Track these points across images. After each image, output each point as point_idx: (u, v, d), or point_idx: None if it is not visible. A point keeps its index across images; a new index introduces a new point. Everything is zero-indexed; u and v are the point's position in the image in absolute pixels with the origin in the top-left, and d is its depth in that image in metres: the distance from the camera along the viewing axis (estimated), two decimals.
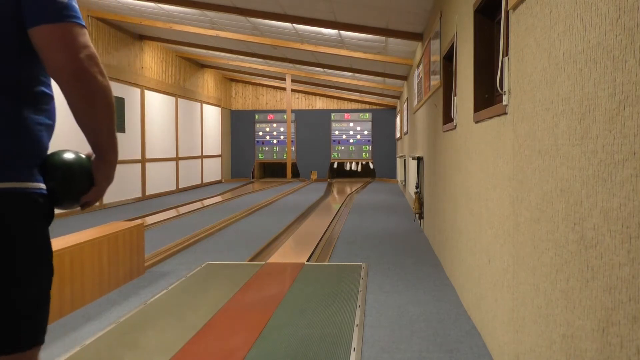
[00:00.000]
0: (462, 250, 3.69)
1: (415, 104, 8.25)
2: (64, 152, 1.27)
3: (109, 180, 1.32)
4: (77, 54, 1.16)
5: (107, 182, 1.32)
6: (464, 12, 3.62)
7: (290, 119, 17.06)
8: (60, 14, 1.16)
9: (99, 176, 1.29)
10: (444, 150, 4.73)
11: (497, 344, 2.60)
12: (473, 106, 3.23)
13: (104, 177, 1.30)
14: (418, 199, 6.98)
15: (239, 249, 5.63)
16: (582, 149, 1.50)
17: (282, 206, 9.94)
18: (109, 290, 3.93)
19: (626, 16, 1.23)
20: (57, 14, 1.16)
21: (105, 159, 1.28)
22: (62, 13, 1.16)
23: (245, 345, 2.81)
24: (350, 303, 3.56)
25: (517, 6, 2.21)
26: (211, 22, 9.73)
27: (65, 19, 1.16)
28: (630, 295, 1.21)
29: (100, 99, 1.21)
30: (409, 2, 6.17)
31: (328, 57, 11.12)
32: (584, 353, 1.48)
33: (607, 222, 1.33)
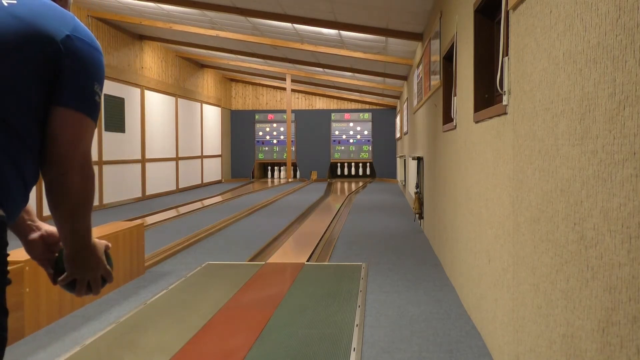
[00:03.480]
0: (462, 250, 3.69)
1: (415, 104, 8.25)
2: None
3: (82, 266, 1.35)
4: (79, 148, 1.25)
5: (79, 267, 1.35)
6: (464, 12, 3.62)
7: (290, 119, 17.06)
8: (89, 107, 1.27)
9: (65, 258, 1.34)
10: (444, 150, 4.73)
11: (497, 344, 2.60)
12: (473, 106, 3.23)
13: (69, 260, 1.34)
14: (418, 199, 6.98)
15: (239, 249, 5.63)
16: (582, 149, 1.50)
17: (282, 206, 9.94)
18: (109, 290, 3.93)
19: (626, 16, 1.23)
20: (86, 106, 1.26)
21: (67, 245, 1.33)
22: (91, 107, 1.27)
23: (245, 345, 2.81)
24: (350, 303, 3.56)
25: (517, 6, 2.21)
26: (211, 22, 9.73)
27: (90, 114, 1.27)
28: (630, 295, 1.21)
29: (70, 201, 1.26)
30: (409, 2, 6.17)
31: (328, 57, 11.12)
32: (584, 353, 1.48)
33: (607, 222, 1.33)
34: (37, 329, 3.14)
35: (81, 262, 1.35)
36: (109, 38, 10.42)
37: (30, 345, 2.93)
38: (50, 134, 1.24)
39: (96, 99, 1.28)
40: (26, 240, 1.41)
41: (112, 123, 10.34)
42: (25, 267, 3.06)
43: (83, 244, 1.34)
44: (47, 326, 3.22)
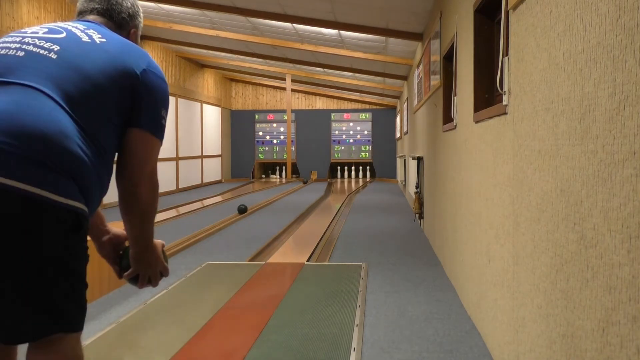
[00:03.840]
0: (462, 250, 3.69)
1: (415, 104, 8.25)
2: None
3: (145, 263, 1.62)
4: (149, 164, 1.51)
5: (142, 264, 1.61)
6: (464, 12, 3.62)
7: (290, 119, 17.06)
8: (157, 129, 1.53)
9: (131, 256, 1.60)
10: (444, 150, 4.73)
11: (497, 344, 2.60)
12: (473, 106, 3.23)
13: (134, 258, 1.60)
14: (418, 199, 6.98)
15: (239, 249, 5.63)
16: (582, 149, 1.50)
17: (282, 206, 9.94)
18: (109, 290, 3.93)
19: (626, 16, 1.23)
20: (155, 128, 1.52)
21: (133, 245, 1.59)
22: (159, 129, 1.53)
23: (245, 345, 2.81)
24: (350, 303, 3.56)
25: (517, 6, 2.21)
26: (211, 22, 9.73)
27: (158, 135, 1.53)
28: (630, 295, 1.21)
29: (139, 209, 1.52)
30: (409, 2, 6.17)
31: (328, 57, 11.12)
32: (584, 353, 1.48)
33: (607, 222, 1.33)
34: None
35: (144, 261, 1.61)
36: None
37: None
38: (127, 150, 1.49)
39: (162, 122, 1.54)
40: (99, 242, 1.69)
41: None
42: None
43: (146, 246, 1.60)
44: None
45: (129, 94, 1.46)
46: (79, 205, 1.35)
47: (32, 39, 1.44)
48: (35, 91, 1.33)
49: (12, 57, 1.39)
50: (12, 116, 1.28)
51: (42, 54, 1.40)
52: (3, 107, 1.28)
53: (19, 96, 1.31)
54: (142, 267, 1.61)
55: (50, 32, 1.48)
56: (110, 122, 1.44)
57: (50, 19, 8.53)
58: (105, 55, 1.45)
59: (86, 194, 1.37)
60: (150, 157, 1.51)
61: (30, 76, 1.35)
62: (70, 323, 1.36)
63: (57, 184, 1.29)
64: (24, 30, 1.51)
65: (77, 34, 1.49)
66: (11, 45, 1.43)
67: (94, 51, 1.45)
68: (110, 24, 1.66)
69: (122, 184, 1.51)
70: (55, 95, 1.34)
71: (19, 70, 1.36)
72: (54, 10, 8.66)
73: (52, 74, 1.36)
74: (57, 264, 1.32)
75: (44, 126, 1.29)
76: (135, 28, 1.77)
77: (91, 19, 1.65)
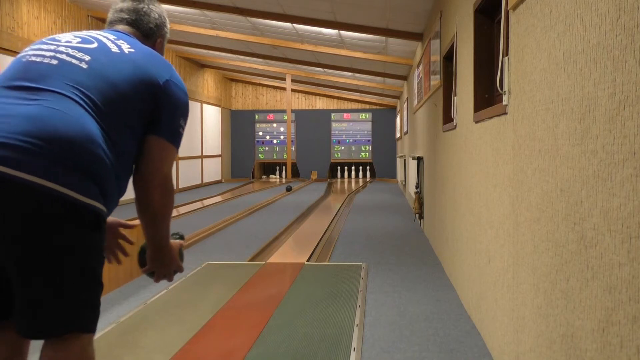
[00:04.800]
0: (462, 250, 3.69)
1: (415, 104, 8.25)
2: None
3: (162, 262, 1.73)
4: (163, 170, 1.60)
5: (159, 262, 1.73)
6: (464, 12, 3.62)
7: (290, 119, 17.06)
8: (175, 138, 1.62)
9: (148, 256, 1.72)
10: (444, 150, 4.73)
11: (497, 344, 2.60)
12: (473, 106, 3.23)
13: (151, 258, 1.72)
14: (418, 199, 6.98)
15: (239, 249, 5.63)
16: (582, 149, 1.50)
17: (282, 206, 9.94)
18: (109, 290, 3.93)
19: (626, 16, 1.23)
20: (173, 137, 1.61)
21: (150, 245, 1.71)
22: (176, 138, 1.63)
23: (245, 345, 2.81)
24: (350, 303, 3.56)
25: (517, 6, 2.21)
26: (211, 22, 9.73)
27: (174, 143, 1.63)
28: (630, 295, 1.21)
29: (152, 211, 1.62)
30: (409, 2, 6.17)
31: (328, 57, 11.11)
32: (584, 353, 1.48)
33: (607, 222, 1.33)
34: None
35: (159, 260, 1.72)
36: None
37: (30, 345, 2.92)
38: (144, 156, 1.58)
39: (180, 130, 1.64)
40: None
41: None
42: None
43: (161, 246, 1.70)
44: None
45: (151, 102, 1.56)
46: (99, 205, 1.42)
47: (65, 48, 1.53)
48: (66, 98, 1.41)
49: (46, 65, 1.48)
50: (42, 120, 1.36)
51: (74, 64, 1.49)
52: (34, 112, 1.36)
53: (50, 102, 1.39)
54: (157, 265, 1.73)
55: (84, 42, 1.57)
56: (132, 128, 1.53)
57: (50, 19, 8.54)
58: (132, 65, 1.55)
59: (105, 196, 1.45)
60: (165, 163, 1.61)
61: (61, 84, 1.44)
62: (84, 323, 1.41)
63: (81, 185, 1.37)
64: (59, 38, 1.59)
65: (108, 44, 1.59)
66: (46, 53, 1.51)
67: (122, 62, 1.54)
68: (138, 34, 1.78)
69: (138, 188, 1.60)
70: (83, 103, 1.43)
71: (51, 77, 1.45)
72: (54, 10, 8.66)
73: (82, 83, 1.46)
74: (76, 262, 1.39)
75: (71, 131, 1.37)
76: (161, 38, 1.89)
77: (120, 29, 1.76)
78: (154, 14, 1.85)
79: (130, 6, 1.81)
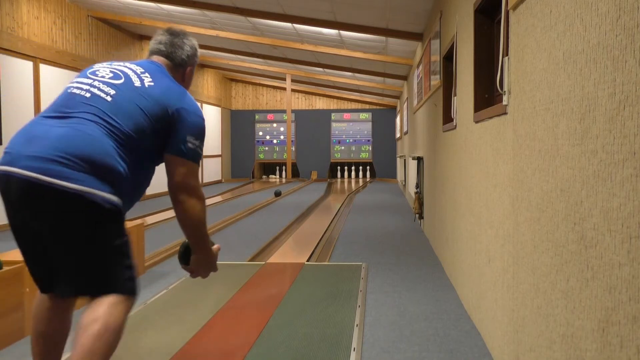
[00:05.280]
0: (462, 250, 3.69)
1: (415, 104, 8.25)
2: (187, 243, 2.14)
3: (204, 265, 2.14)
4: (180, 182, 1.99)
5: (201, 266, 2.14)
6: (464, 12, 3.62)
7: (290, 119, 17.06)
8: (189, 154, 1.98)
9: (193, 260, 2.12)
10: (444, 150, 4.73)
11: (497, 344, 2.60)
12: (473, 106, 3.23)
13: (196, 262, 2.12)
14: (418, 199, 6.98)
15: (239, 249, 5.63)
16: (582, 149, 1.50)
17: (282, 206, 9.94)
18: None
19: (626, 16, 1.23)
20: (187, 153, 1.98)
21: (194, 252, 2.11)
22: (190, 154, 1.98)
23: (245, 345, 2.81)
24: (350, 303, 3.56)
25: (517, 6, 2.21)
26: (211, 22, 9.73)
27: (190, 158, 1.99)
28: (630, 295, 1.21)
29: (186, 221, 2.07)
30: (409, 2, 6.17)
31: (328, 57, 11.11)
32: (584, 353, 1.48)
33: (607, 222, 1.33)
34: None
35: (202, 263, 2.12)
36: (109, 38, 10.41)
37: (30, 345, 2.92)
38: (167, 172, 1.98)
39: (190, 146, 1.97)
40: None
41: None
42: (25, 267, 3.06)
43: (204, 253, 2.11)
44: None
45: (164, 126, 1.95)
46: (114, 199, 1.82)
47: (98, 83, 1.95)
48: (89, 122, 1.83)
49: (80, 97, 1.91)
50: (69, 139, 1.78)
51: (101, 96, 1.91)
52: (64, 133, 1.79)
53: (77, 125, 1.82)
54: (198, 267, 2.11)
55: (114, 77, 1.99)
56: (145, 147, 1.93)
57: (50, 19, 8.54)
58: (149, 98, 1.95)
59: (120, 195, 1.85)
60: (184, 177, 1.97)
61: (87, 112, 1.86)
62: (114, 287, 1.84)
63: (100, 186, 1.78)
64: (97, 72, 2.01)
65: (133, 79, 1.99)
66: (83, 86, 1.94)
67: (140, 95, 1.94)
68: (170, 64, 2.18)
69: (172, 200, 2.05)
70: (103, 126, 1.84)
71: (81, 106, 1.88)
72: (54, 10, 8.67)
73: (104, 111, 1.87)
74: (98, 242, 1.82)
75: (91, 147, 1.79)
76: (191, 66, 2.28)
77: (155, 59, 2.18)
78: (186, 47, 2.25)
79: (167, 39, 2.21)
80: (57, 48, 8.66)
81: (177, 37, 2.23)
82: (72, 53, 9.09)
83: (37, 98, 8.12)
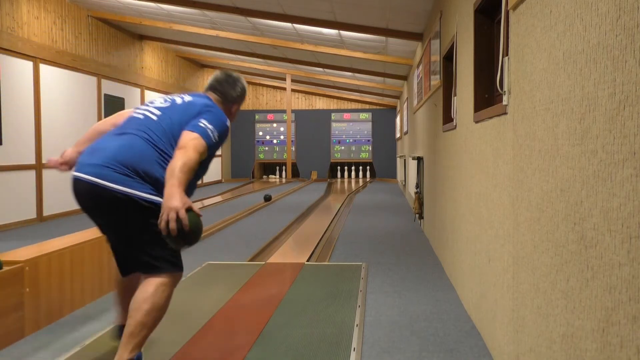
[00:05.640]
0: (462, 250, 3.69)
1: (415, 104, 8.25)
2: None
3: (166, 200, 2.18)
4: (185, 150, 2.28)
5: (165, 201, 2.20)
6: (464, 12, 3.62)
7: (290, 119, 17.06)
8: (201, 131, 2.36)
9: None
10: (444, 150, 4.73)
11: (497, 344, 2.60)
12: (473, 106, 3.23)
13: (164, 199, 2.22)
14: (418, 199, 6.98)
15: (239, 249, 5.63)
16: (582, 149, 1.50)
17: (282, 206, 9.94)
18: (109, 290, 3.93)
19: (626, 16, 1.23)
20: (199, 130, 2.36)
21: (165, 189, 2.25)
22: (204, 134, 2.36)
23: (245, 345, 2.81)
24: (350, 303, 3.56)
25: (517, 6, 2.22)
26: (211, 22, 9.73)
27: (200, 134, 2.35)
28: (630, 295, 1.21)
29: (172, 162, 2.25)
30: (409, 2, 6.17)
31: (328, 57, 11.11)
32: (584, 353, 1.48)
33: (607, 222, 1.33)
34: (37, 329, 3.14)
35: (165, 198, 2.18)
36: (109, 38, 10.41)
37: (30, 345, 2.93)
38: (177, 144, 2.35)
39: (202, 126, 2.35)
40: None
41: None
42: (25, 267, 3.06)
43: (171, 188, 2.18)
44: (47, 326, 3.22)
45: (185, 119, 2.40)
46: (154, 198, 2.26)
47: (151, 109, 2.46)
48: (137, 137, 2.32)
49: (136, 119, 2.42)
50: (120, 150, 2.27)
51: (150, 117, 2.41)
52: (117, 145, 2.30)
53: (128, 139, 2.32)
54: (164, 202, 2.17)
55: (164, 102, 2.50)
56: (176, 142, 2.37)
57: (50, 19, 8.54)
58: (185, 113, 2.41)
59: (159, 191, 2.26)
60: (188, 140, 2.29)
61: (138, 129, 2.35)
62: (158, 267, 2.28)
63: (141, 187, 2.25)
64: (154, 101, 2.53)
65: (177, 100, 2.50)
66: (140, 112, 2.45)
67: (179, 111, 2.42)
68: (219, 100, 2.62)
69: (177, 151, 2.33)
70: (147, 140, 2.32)
71: (135, 126, 2.38)
72: (54, 10, 8.67)
73: (150, 128, 2.35)
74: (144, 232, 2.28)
75: (137, 157, 2.27)
76: (237, 105, 2.70)
77: (208, 93, 2.63)
78: (237, 88, 2.68)
79: (222, 78, 2.66)
80: (57, 48, 8.66)
81: (231, 77, 2.67)
82: (72, 53, 9.09)
83: (37, 98, 8.12)
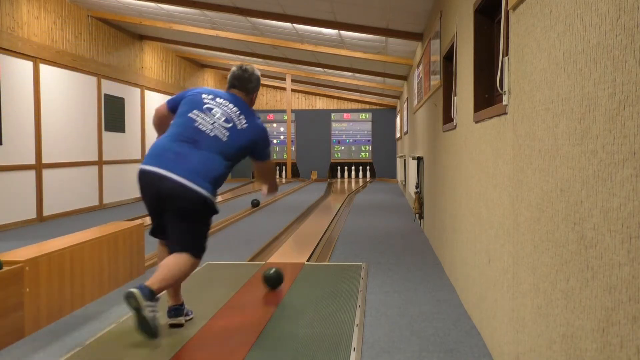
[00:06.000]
0: (462, 250, 3.69)
1: (415, 104, 8.25)
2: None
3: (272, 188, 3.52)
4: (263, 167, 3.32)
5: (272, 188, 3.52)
6: (464, 12, 3.62)
7: (290, 119, 17.06)
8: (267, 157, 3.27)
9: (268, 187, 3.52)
10: (444, 150, 4.73)
11: (497, 344, 2.60)
12: (473, 106, 3.23)
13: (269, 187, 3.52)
14: (418, 199, 6.98)
15: (239, 249, 5.63)
16: (582, 149, 1.50)
17: (282, 206, 9.94)
18: (109, 290, 3.93)
19: (626, 16, 1.23)
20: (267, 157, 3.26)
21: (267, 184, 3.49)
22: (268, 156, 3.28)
23: (245, 345, 2.81)
24: (350, 303, 3.56)
25: (517, 6, 2.22)
26: (211, 22, 9.73)
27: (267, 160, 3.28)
28: (630, 295, 1.21)
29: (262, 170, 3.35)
30: (409, 2, 6.17)
31: (328, 57, 11.12)
32: (584, 353, 1.48)
33: (607, 222, 1.33)
34: (37, 329, 3.14)
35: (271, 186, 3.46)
36: (109, 38, 10.41)
37: (30, 345, 2.93)
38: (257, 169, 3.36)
39: (266, 152, 3.23)
40: None
41: (111, 123, 10.34)
42: (25, 267, 3.06)
43: (271, 180, 3.43)
44: (47, 326, 3.22)
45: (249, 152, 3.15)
46: (214, 198, 2.96)
47: (218, 126, 3.00)
48: (214, 154, 2.95)
49: (206, 134, 2.97)
50: (203, 163, 2.91)
51: (219, 137, 2.99)
52: (201, 158, 2.92)
53: (207, 154, 2.94)
54: (271, 189, 3.46)
55: (226, 121, 3.02)
56: (238, 160, 3.10)
57: (50, 19, 8.54)
58: (244, 137, 3.06)
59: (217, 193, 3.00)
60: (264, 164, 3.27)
61: (212, 146, 2.96)
62: (194, 250, 2.94)
63: (211, 191, 2.93)
64: (214, 113, 3.04)
65: (236, 123, 3.04)
66: (207, 126, 2.99)
67: (240, 136, 3.03)
68: (243, 94, 3.20)
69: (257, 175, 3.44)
70: (220, 154, 2.97)
71: (208, 141, 2.96)
72: (54, 10, 8.67)
73: (220, 147, 2.97)
74: (202, 224, 3.02)
75: (215, 170, 2.94)
76: (256, 92, 3.29)
77: (234, 92, 3.20)
78: (254, 78, 3.24)
79: (240, 75, 3.22)
80: (57, 48, 8.66)
81: (247, 72, 3.21)
82: (72, 53, 9.09)
83: (37, 98, 8.12)
